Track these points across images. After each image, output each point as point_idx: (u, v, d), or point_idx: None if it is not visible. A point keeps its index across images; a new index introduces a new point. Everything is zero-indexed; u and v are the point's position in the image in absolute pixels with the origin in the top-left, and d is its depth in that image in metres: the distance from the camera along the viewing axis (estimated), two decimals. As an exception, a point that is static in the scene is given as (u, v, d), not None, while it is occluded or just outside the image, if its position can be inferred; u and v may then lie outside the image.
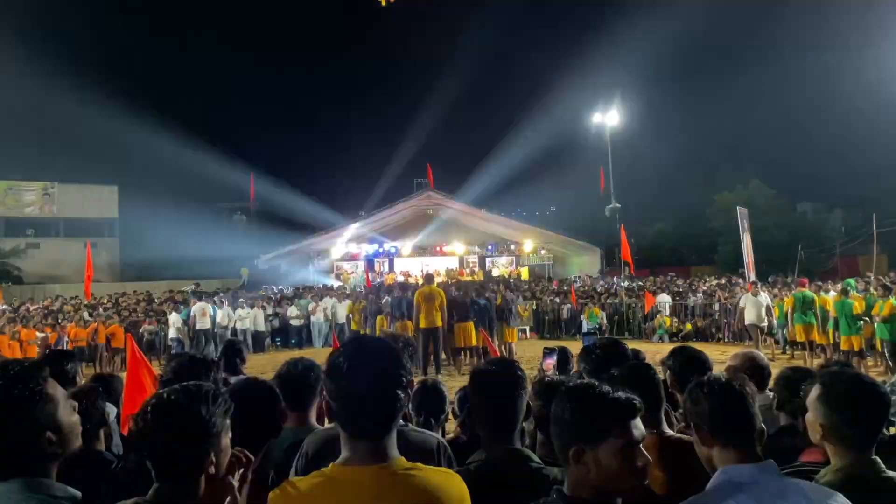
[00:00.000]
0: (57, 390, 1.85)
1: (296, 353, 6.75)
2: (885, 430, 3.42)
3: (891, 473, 1.99)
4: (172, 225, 41.40)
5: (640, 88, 41.74)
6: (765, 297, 14.00)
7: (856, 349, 12.12)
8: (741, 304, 14.51)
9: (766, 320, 13.76)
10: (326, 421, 2.83)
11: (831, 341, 13.14)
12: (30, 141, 41.51)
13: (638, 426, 1.72)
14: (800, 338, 13.69)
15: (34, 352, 13.64)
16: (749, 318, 13.94)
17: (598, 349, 3.07)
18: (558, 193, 51.23)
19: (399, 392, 1.68)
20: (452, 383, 11.06)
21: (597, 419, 1.69)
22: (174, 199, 38.69)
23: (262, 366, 13.19)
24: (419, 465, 1.71)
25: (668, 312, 19.55)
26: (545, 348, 3.72)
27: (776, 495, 1.75)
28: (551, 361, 3.66)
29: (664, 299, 19.90)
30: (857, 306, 12.22)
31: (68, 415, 1.86)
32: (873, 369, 12.12)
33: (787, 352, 14.96)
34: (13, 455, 1.75)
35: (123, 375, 4.56)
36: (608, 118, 31.04)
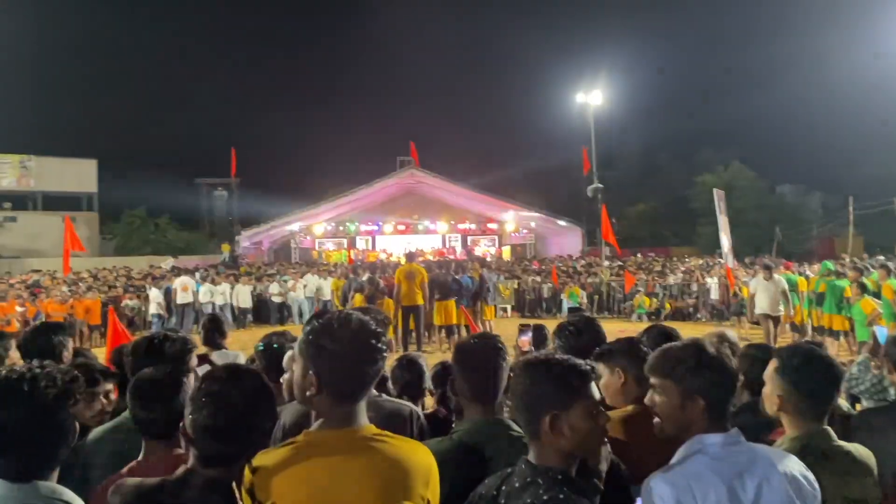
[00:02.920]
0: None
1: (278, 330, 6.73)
2: (851, 408, 3.55)
3: (841, 443, 2.12)
4: (153, 200, 41.02)
5: (624, 69, 41.73)
6: (780, 280, 12.15)
7: (845, 329, 12.23)
8: (751, 290, 12.53)
9: (782, 309, 11.90)
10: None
11: (807, 321, 13.41)
12: (7, 113, 40.83)
13: (594, 388, 1.85)
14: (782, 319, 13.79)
15: (14, 327, 13.52)
16: (761, 306, 12.00)
17: (571, 326, 3.14)
18: (542, 173, 51.30)
19: (379, 356, 1.77)
20: (432, 360, 11.18)
21: (568, 384, 1.79)
22: (155, 174, 38.29)
23: (244, 342, 13.17)
24: (388, 433, 1.78)
25: (714, 296, 18.64)
26: (520, 325, 3.79)
27: (745, 460, 1.85)
28: (526, 339, 3.72)
29: (713, 282, 18.95)
30: (847, 289, 12.29)
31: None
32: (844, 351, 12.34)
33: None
34: (36, 458, 1.75)
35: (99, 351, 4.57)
36: (592, 98, 31.00)
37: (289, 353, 2.55)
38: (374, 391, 2.43)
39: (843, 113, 41.07)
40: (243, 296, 18.84)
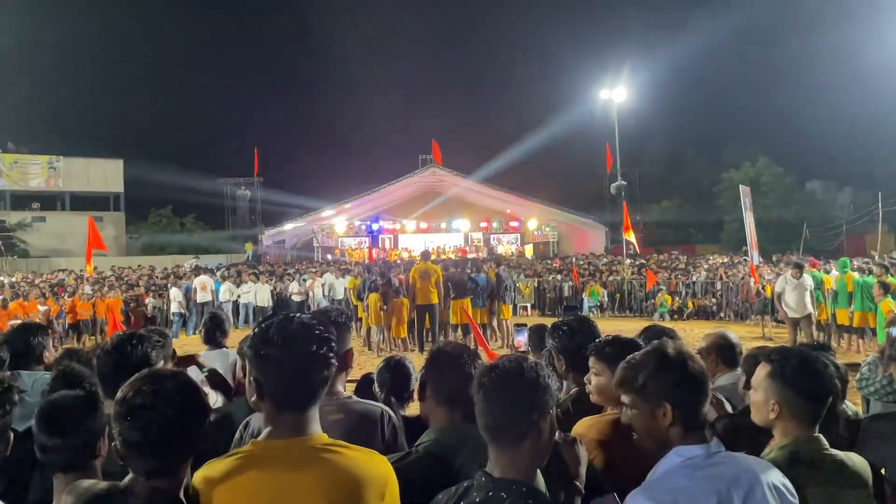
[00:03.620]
0: None
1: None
2: (866, 409, 3.39)
3: (834, 451, 2.00)
4: (178, 199, 41.49)
5: (648, 65, 41.21)
6: (809, 280, 11.58)
7: (871, 325, 11.94)
8: (777, 288, 11.91)
9: (810, 309, 11.35)
10: None
11: (830, 319, 13.12)
12: (35, 114, 41.59)
13: None
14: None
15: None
16: (789, 307, 11.45)
17: (565, 325, 3.03)
18: (564, 170, 50.99)
19: (324, 363, 1.69)
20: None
21: (550, 387, 1.75)
22: (179, 174, 38.77)
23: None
24: (342, 442, 1.70)
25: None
26: (516, 325, 3.70)
27: (730, 472, 1.77)
28: (522, 339, 3.64)
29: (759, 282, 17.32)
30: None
31: None
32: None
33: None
34: None
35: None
36: (615, 94, 30.69)
37: None
38: (343, 392, 2.35)
39: (873, 107, 40.15)
40: (263, 295, 18.92)
